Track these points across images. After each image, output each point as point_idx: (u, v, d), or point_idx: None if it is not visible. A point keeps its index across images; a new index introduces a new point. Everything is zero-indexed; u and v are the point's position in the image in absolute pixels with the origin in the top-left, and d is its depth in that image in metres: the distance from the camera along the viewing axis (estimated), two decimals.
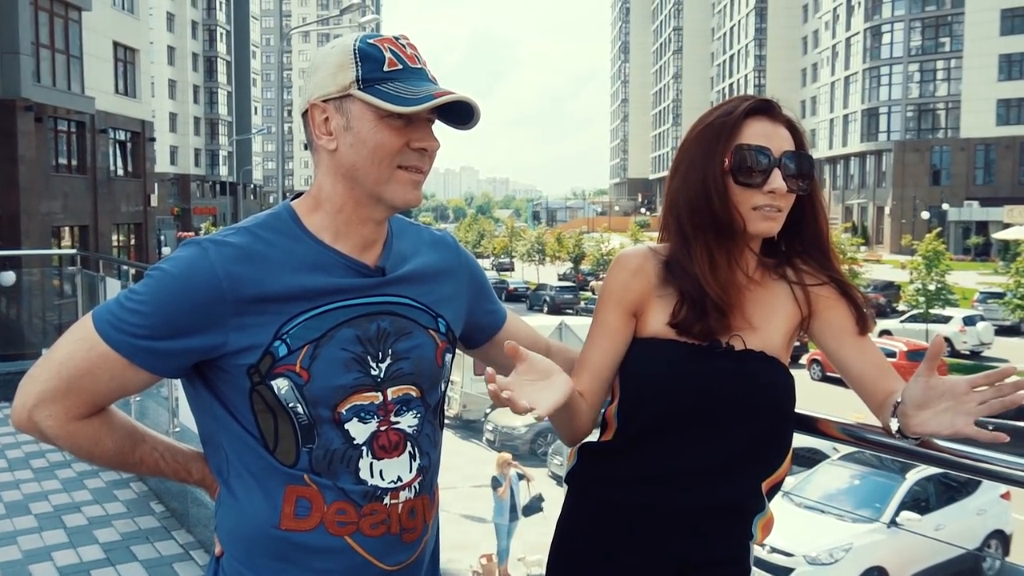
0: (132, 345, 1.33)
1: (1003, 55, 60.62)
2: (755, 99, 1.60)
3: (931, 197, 61.79)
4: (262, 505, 1.40)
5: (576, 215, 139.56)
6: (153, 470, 1.54)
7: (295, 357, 1.36)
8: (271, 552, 1.40)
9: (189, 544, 4.48)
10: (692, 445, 1.53)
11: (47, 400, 1.35)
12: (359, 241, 1.44)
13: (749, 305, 1.58)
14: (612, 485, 1.60)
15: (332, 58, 1.39)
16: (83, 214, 24.98)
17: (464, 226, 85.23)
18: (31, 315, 10.90)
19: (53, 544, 4.45)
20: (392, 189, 1.41)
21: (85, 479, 5.49)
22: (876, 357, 1.59)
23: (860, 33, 68.30)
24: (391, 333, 1.44)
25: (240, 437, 1.40)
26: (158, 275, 1.35)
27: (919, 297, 30.73)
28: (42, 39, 22.15)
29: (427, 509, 1.50)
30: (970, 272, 45.21)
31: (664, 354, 1.54)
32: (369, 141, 1.37)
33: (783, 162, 1.53)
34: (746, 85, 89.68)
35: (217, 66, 76.01)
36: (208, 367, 1.39)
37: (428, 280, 1.53)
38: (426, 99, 1.35)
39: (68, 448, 1.42)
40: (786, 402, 1.55)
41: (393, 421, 1.44)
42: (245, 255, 1.36)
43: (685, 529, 1.54)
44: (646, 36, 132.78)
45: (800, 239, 1.64)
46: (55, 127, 23.93)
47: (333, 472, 1.39)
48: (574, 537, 1.64)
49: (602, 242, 52.42)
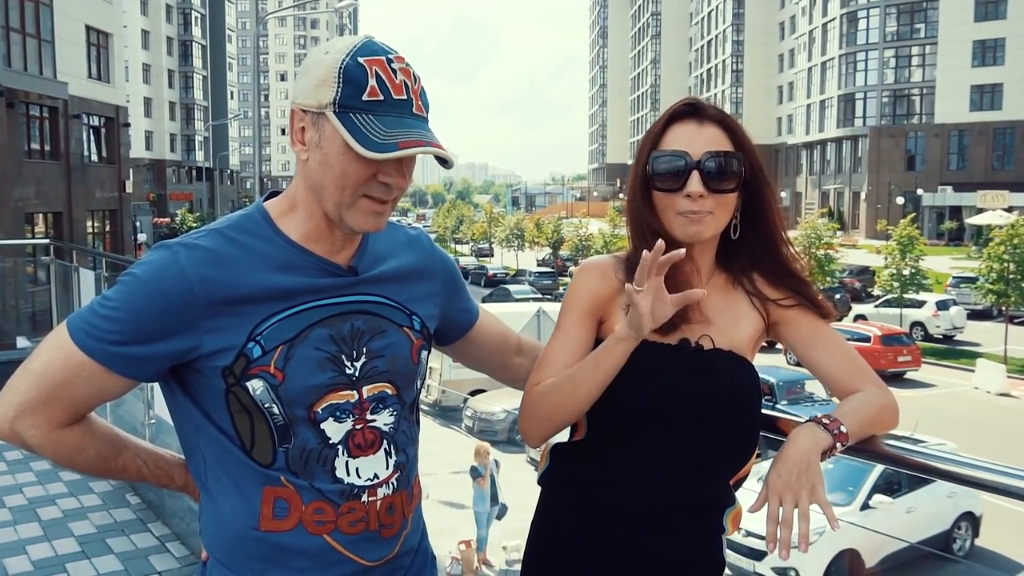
0: (108, 352, 1.34)
1: (977, 41, 61.05)
2: (682, 103, 1.61)
3: (906, 182, 62.29)
4: (241, 507, 1.41)
5: (555, 200, 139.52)
6: (136, 477, 1.56)
7: (269, 358, 1.37)
8: (253, 554, 1.42)
9: (165, 536, 4.48)
10: (662, 444, 1.55)
11: (27, 411, 1.37)
12: (331, 244, 1.45)
13: (714, 308, 1.61)
14: (584, 486, 1.61)
15: (319, 69, 1.36)
16: (57, 200, 24.67)
17: (443, 211, 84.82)
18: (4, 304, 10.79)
19: (28, 537, 4.44)
20: (352, 215, 1.39)
21: (60, 471, 5.47)
22: (843, 359, 1.62)
23: (836, 19, 68.54)
24: (365, 332, 1.45)
25: (217, 440, 1.41)
26: (130, 281, 1.36)
27: (893, 282, 30.99)
28: (12, 23, 21.80)
29: (406, 504, 1.52)
30: (944, 257, 45.67)
31: (634, 354, 1.55)
32: (335, 167, 1.36)
33: (703, 164, 1.53)
34: (724, 70, 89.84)
35: (192, 50, 75.07)
36: (184, 369, 1.40)
37: (402, 279, 1.54)
38: (390, 148, 1.31)
39: (52, 457, 1.44)
40: (754, 400, 1.58)
41: (369, 419, 1.45)
42: (216, 258, 1.37)
43: (659, 528, 1.56)
44: (625, 21, 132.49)
45: (750, 248, 1.65)
46: (27, 112, 23.57)
47: (309, 471, 1.40)
48: (549, 539, 1.66)
49: (581, 227, 52.40)
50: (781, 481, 1.42)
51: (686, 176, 1.53)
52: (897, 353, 25.28)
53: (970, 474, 1.44)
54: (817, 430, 1.47)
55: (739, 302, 1.64)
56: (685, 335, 1.58)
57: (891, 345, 25.37)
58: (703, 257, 1.64)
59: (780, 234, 1.65)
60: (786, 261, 1.66)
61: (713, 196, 1.54)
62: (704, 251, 1.63)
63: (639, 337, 1.47)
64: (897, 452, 1.52)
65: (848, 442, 1.48)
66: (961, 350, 29.18)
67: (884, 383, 1.62)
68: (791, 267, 1.66)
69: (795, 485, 1.41)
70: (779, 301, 1.63)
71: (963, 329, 30.92)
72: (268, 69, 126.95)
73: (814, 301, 1.63)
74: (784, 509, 1.41)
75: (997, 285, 27.83)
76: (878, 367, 24.37)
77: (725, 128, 1.57)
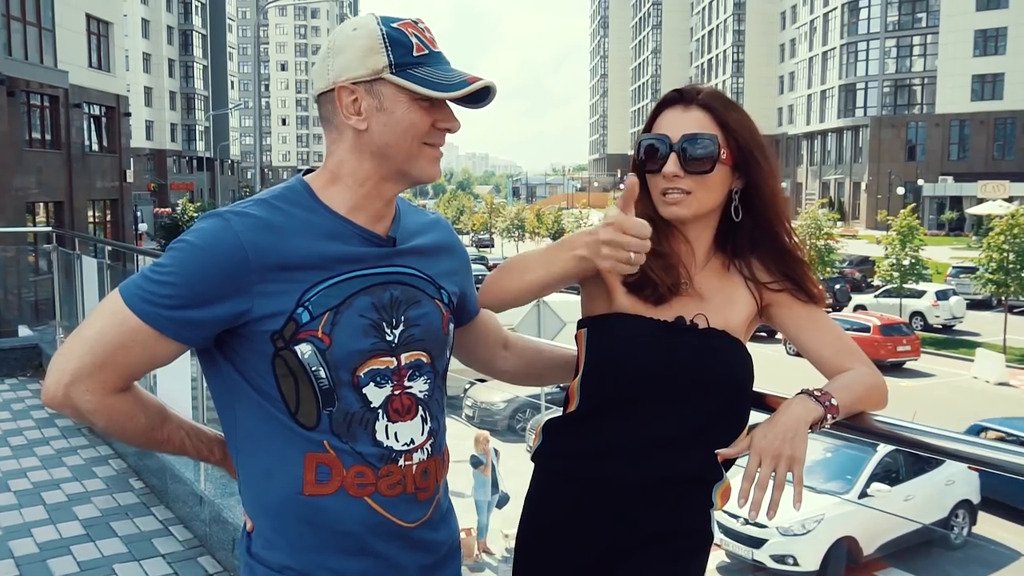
0: (162, 316, 1.38)
1: (979, 31, 60.86)
2: (671, 91, 1.70)
3: (907, 172, 62.23)
4: (285, 474, 1.46)
5: (556, 191, 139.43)
6: (179, 448, 1.61)
7: (317, 323, 1.42)
8: (298, 517, 1.46)
9: (168, 520, 4.53)
10: (652, 418, 1.59)
11: (83, 376, 1.40)
12: (372, 214, 1.51)
13: (710, 289, 1.66)
14: (575, 460, 1.66)
15: (359, 41, 1.45)
16: (58, 190, 24.71)
17: (444, 202, 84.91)
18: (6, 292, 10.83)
19: (33, 520, 4.49)
20: (419, 165, 1.49)
21: (64, 456, 5.52)
22: (833, 339, 1.66)
23: (837, 8, 68.36)
24: (403, 301, 1.51)
25: (259, 405, 1.45)
26: (184, 247, 1.40)
27: (893, 272, 31.03)
28: (13, 11, 21.81)
29: (438, 469, 1.58)
30: (944, 247, 45.67)
31: (629, 328, 1.60)
32: (403, 121, 1.45)
33: (678, 145, 1.60)
34: (725, 60, 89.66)
35: (193, 39, 74.93)
36: (229, 336, 1.44)
37: (431, 254, 1.60)
38: (461, 85, 1.43)
39: (105, 423, 1.47)
40: (745, 379, 1.62)
41: (407, 386, 1.51)
42: (266, 225, 1.42)
43: (649, 501, 1.60)
44: (626, 10, 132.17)
45: (749, 232, 1.69)
46: (27, 101, 23.60)
47: (352, 434, 1.45)
48: (541, 514, 1.70)
49: (581, 218, 52.44)
50: (765, 442, 1.47)
51: (665, 158, 1.61)
52: (897, 343, 25.35)
53: (959, 449, 1.48)
54: (808, 401, 1.51)
55: (734, 285, 1.68)
56: (680, 313, 1.62)
57: (891, 335, 25.43)
58: (700, 240, 1.68)
59: (779, 218, 1.69)
60: (784, 245, 1.69)
61: (691, 177, 1.60)
62: (700, 233, 1.68)
63: (588, 255, 1.45)
64: (887, 428, 1.55)
65: (838, 415, 1.51)
66: (960, 340, 29.23)
67: (875, 366, 1.66)
68: (787, 251, 1.69)
69: (778, 449, 1.45)
70: (769, 284, 1.68)
71: (963, 319, 30.97)
72: (268, 59, 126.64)
73: (803, 284, 1.67)
74: (761, 471, 1.45)
75: (997, 275, 27.88)
76: (878, 357, 24.39)
77: (710, 111, 1.63)
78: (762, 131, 1.70)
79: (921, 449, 1.54)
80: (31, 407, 6.71)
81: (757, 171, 1.65)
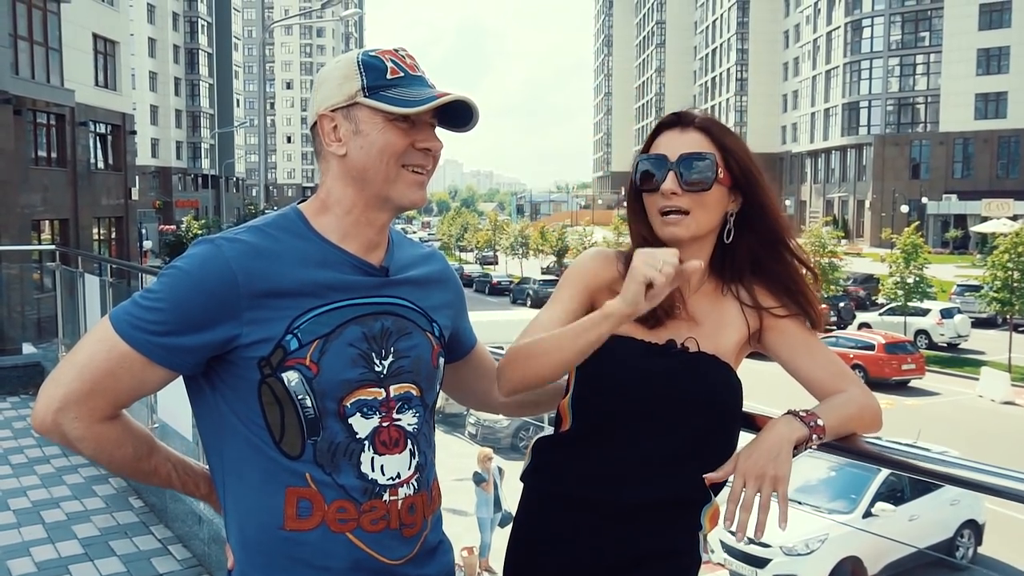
0: (151, 343, 1.38)
1: (981, 49, 61.03)
2: (670, 114, 1.72)
3: (911, 191, 62.26)
4: (265, 509, 1.44)
5: (560, 208, 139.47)
6: (165, 480, 1.59)
7: (305, 351, 1.41)
8: (279, 553, 1.45)
9: (167, 539, 4.52)
10: (642, 440, 1.59)
11: (72, 403, 1.40)
12: (364, 242, 1.51)
13: (703, 313, 1.66)
14: (564, 481, 1.66)
15: (337, 71, 1.48)
16: (63, 207, 24.81)
17: (447, 219, 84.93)
18: (10, 310, 10.84)
19: (32, 540, 4.48)
20: (399, 189, 1.49)
21: (64, 475, 5.52)
22: (827, 363, 1.65)
23: (841, 27, 68.64)
24: (393, 332, 1.50)
25: (243, 436, 1.44)
26: (173, 272, 1.41)
27: (898, 290, 30.98)
28: (20, 31, 21.98)
29: (426, 506, 1.56)
30: (948, 265, 45.60)
31: (621, 350, 1.60)
32: (377, 142, 1.46)
33: (676, 164, 1.62)
34: (728, 79, 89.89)
35: (199, 58, 75.48)
36: (216, 363, 1.43)
37: (424, 286, 1.60)
38: (428, 100, 1.43)
39: (92, 451, 1.46)
40: (733, 403, 1.62)
41: (395, 418, 1.50)
42: (257, 251, 1.42)
43: (636, 522, 1.60)
44: (629, 29, 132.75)
45: (751, 254, 1.70)
46: (34, 120, 23.74)
47: (335, 465, 1.44)
48: (529, 533, 1.70)
49: (585, 236, 52.50)
50: (749, 463, 1.47)
51: (663, 176, 1.62)
52: (901, 361, 25.27)
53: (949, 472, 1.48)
54: (793, 421, 1.51)
55: (727, 309, 1.69)
56: (672, 336, 1.63)
57: (895, 353, 25.35)
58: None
59: (782, 238, 1.69)
60: (788, 268, 1.70)
61: (689, 195, 1.61)
62: (695, 256, 1.67)
63: (628, 313, 1.45)
64: (875, 449, 1.55)
65: (824, 436, 1.51)
66: (965, 358, 29.13)
67: (869, 389, 1.66)
68: (793, 274, 1.69)
69: (761, 469, 1.45)
70: (773, 310, 1.68)
71: (967, 337, 30.87)
72: (274, 77, 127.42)
73: (807, 309, 1.67)
74: (746, 492, 1.45)
75: (1001, 293, 27.80)
76: (882, 375, 24.35)
77: (707, 133, 1.65)
78: (766, 149, 1.72)
79: (910, 471, 1.53)
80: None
81: (758, 190, 1.66)
